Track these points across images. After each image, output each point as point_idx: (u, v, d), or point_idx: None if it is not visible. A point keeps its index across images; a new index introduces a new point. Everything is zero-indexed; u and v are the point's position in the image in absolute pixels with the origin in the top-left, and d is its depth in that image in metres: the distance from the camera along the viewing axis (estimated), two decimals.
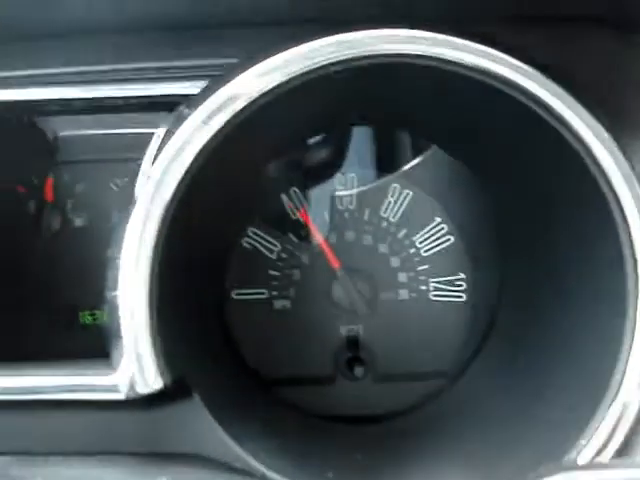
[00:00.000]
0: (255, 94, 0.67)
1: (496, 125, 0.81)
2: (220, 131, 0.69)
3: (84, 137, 1.14)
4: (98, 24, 0.80)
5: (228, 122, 0.68)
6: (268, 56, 0.68)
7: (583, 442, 0.71)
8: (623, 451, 0.71)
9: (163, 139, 0.69)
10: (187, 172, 0.68)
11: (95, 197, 1.11)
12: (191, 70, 0.79)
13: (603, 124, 0.70)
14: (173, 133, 0.68)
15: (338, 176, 1.09)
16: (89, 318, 1.11)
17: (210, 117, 0.68)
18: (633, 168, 0.71)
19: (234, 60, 0.74)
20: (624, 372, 0.71)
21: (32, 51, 0.83)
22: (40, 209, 1.10)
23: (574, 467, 0.59)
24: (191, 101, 0.70)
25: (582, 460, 0.70)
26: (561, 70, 0.72)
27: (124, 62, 0.80)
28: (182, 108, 0.70)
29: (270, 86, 0.67)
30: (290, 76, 0.67)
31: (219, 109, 0.68)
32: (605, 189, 0.71)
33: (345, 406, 1.07)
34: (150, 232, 0.68)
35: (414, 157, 1.06)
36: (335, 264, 1.06)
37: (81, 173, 1.13)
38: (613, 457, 0.70)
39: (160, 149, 0.69)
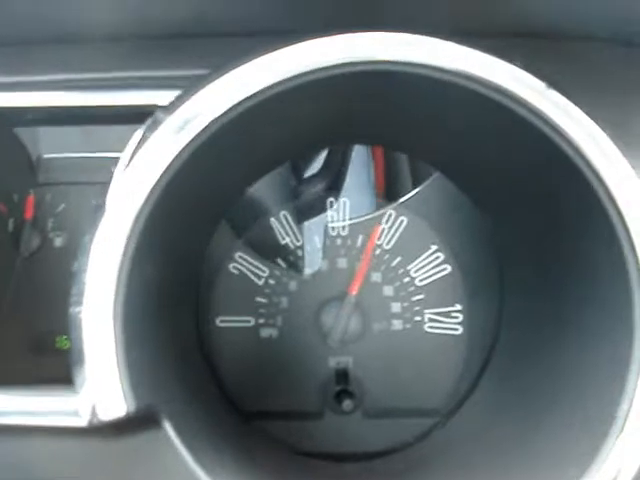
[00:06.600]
0: (224, 107, 0.62)
1: (507, 154, 0.76)
2: (194, 141, 0.64)
3: (69, 159, 1.11)
4: (72, 33, 0.77)
5: (202, 132, 0.64)
6: (249, 61, 0.63)
7: None
8: None
9: (137, 145, 0.65)
10: (160, 181, 0.63)
11: (77, 217, 1.07)
12: (170, 80, 0.75)
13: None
14: (147, 138, 0.64)
15: (331, 201, 1.05)
16: (66, 342, 1.06)
17: (185, 124, 0.63)
18: None
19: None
20: (626, 418, 0.65)
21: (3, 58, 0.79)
22: (19, 227, 1.05)
23: None
24: (167, 107, 0.66)
25: None
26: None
27: (98, 71, 0.76)
28: (157, 113, 0.65)
29: (246, 95, 0.62)
30: (265, 85, 0.62)
31: (194, 117, 0.64)
32: (619, 229, 0.66)
33: (333, 442, 1.01)
34: (119, 244, 0.63)
35: (413, 183, 1.02)
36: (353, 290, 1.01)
37: (64, 193, 1.09)
38: None
39: (133, 155, 0.64)
